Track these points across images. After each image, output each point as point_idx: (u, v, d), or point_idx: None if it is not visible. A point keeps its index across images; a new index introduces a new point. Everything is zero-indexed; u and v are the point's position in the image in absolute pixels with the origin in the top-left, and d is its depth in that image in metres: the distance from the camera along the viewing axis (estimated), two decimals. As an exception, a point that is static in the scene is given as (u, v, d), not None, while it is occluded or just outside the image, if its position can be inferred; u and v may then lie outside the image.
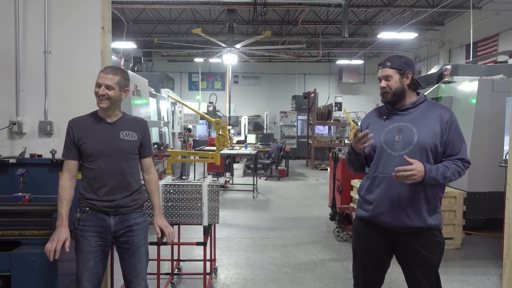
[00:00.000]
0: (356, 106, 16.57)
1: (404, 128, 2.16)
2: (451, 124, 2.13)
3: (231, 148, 9.56)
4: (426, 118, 2.16)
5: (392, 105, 2.24)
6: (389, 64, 2.18)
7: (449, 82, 6.09)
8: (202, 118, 9.50)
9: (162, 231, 2.48)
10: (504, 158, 4.20)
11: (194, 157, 7.31)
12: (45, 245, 2.24)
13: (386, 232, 2.21)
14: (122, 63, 7.04)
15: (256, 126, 16.43)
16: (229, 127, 11.09)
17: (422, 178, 2.02)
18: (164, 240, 2.53)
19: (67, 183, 2.29)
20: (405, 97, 2.20)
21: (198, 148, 9.98)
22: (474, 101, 5.32)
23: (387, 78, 2.18)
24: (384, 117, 2.27)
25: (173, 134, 9.76)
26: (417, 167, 2.00)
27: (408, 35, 12.00)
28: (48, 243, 2.22)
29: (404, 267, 2.26)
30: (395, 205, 2.14)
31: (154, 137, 7.14)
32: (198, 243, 3.41)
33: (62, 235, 2.22)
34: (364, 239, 2.33)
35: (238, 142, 11.56)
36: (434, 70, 6.96)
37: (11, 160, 2.94)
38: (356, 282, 2.43)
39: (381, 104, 2.37)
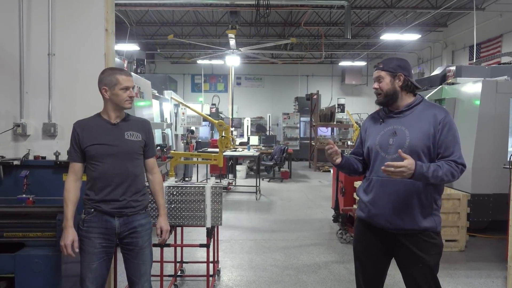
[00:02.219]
0: (359, 108, 16.55)
1: (398, 131, 2.18)
2: (444, 125, 2.10)
3: (234, 149, 9.57)
4: (420, 120, 2.16)
5: (386, 107, 2.28)
6: (381, 66, 2.25)
7: (453, 83, 6.07)
8: (205, 119, 9.51)
9: (161, 232, 2.51)
10: (508, 159, 4.17)
11: (197, 159, 7.31)
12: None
13: (382, 233, 2.23)
14: (125, 65, 7.07)
15: (258, 127, 16.42)
16: (232, 129, 11.10)
17: (411, 174, 1.98)
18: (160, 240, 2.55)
19: (72, 185, 2.31)
20: (398, 98, 2.22)
21: (201, 150, 9.99)
22: (477, 102, 5.30)
23: (378, 79, 2.24)
24: (380, 120, 2.30)
25: (176, 136, 9.77)
26: (408, 164, 1.96)
27: (411, 37, 11.98)
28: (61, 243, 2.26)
29: (402, 269, 2.26)
30: (388, 207, 2.16)
31: (157, 139, 7.16)
32: (201, 245, 3.41)
33: (68, 238, 2.24)
34: (363, 239, 2.36)
35: (241, 143, 11.56)
36: (437, 71, 6.94)
37: (15, 162, 2.96)
38: (357, 282, 2.45)
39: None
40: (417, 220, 2.12)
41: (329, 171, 11.90)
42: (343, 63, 17.36)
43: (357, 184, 5.46)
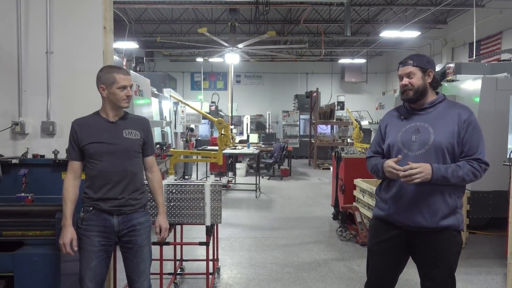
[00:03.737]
0: (359, 105, 16.52)
1: (421, 128, 2.16)
2: (469, 124, 2.11)
3: (233, 147, 9.56)
4: (444, 118, 2.15)
5: (412, 103, 2.23)
6: (411, 62, 2.19)
7: (452, 80, 6.06)
8: (204, 117, 9.50)
9: (160, 231, 2.51)
10: (508, 156, 4.17)
11: (197, 157, 7.30)
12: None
13: (402, 232, 2.20)
14: (124, 63, 7.04)
15: (258, 125, 16.41)
16: (232, 127, 11.08)
17: (430, 176, 2.02)
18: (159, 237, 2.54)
19: (71, 183, 2.31)
20: (426, 95, 2.20)
21: (200, 148, 9.98)
22: (477, 99, 5.29)
23: (409, 75, 2.18)
24: (402, 117, 2.27)
25: (176, 134, 9.77)
26: (422, 166, 2.02)
27: (410, 34, 11.94)
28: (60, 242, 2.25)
29: (420, 267, 2.24)
30: (411, 205, 2.13)
31: (157, 137, 7.15)
32: (200, 243, 3.40)
33: (67, 236, 2.24)
34: (379, 238, 2.31)
35: (241, 141, 11.55)
36: (437, 68, 6.92)
37: (14, 161, 2.94)
38: (369, 281, 2.39)
39: (384, 103, 2.38)
40: (440, 218, 2.10)
41: (329, 168, 11.89)
42: (343, 61, 17.32)
43: (357, 181, 5.46)
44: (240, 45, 10.69)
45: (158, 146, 6.03)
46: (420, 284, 2.26)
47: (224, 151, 7.54)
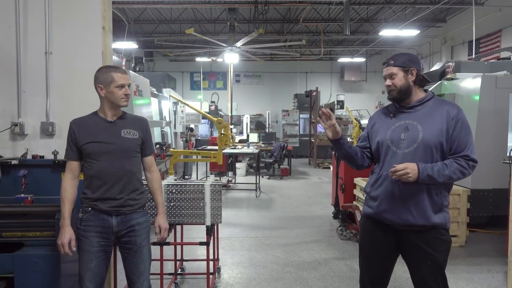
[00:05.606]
0: (359, 104, 16.50)
1: (410, 126, 2.17)
2: (457, 121, 2.11)
3: (233, 147, 9.56)
4: (432, 116, 2.15)
5: (399, 103, 2.25)
6: (393, 62, 2.21)
7: (452, 79, 6.06)
8: (204, 117, 9.49)
9: (160, 231, 2.50)
10: (508, 155, 4.17)
11: (197, 157, 7.30)
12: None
13: (391, 229, 2.21)
14: (123, 63, 7.04)
15: (258, 125, 16.39)
16: (231, 126, 11.08)
17: (416, 176, 2.03)
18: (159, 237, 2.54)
19: (69, 183, 2.30)
20: (411, 94, 2.21)
21: (200, 148, 9.98)
22: (477, 98, 5.29)
23: (391, 76, 2.20)
24: (391, 115, 2.28)
25: (175, 133, 9.75)
26: (408, 166, 2.02)
27: (410, 32, 11.94)
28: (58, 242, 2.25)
29: (410, 265, 2.25)
30: (398, 203, 2.14)
31: (156, 137, 7.14)
32: (201, 243, 3.40)
33: (65, 236, 2.23)
34: (369, 236, 2.33)
35: (241, 141, 11.55)
36: (436, 67, 6.92)
37: (13, 161, 2.93)
38: (361, 278, 2.41)
39: (383, 102, 2.39)
40: (428, 216, 2.11)
41: (329, 168, 11.89)
42: (342, 60, 17.30)
43: (357, 180, 5.46)
44: (239, 44, 10.67)
45: (157, 146, 6.03)
46: (412, 282, 2.28)
47: (224, 151, 7.53)
